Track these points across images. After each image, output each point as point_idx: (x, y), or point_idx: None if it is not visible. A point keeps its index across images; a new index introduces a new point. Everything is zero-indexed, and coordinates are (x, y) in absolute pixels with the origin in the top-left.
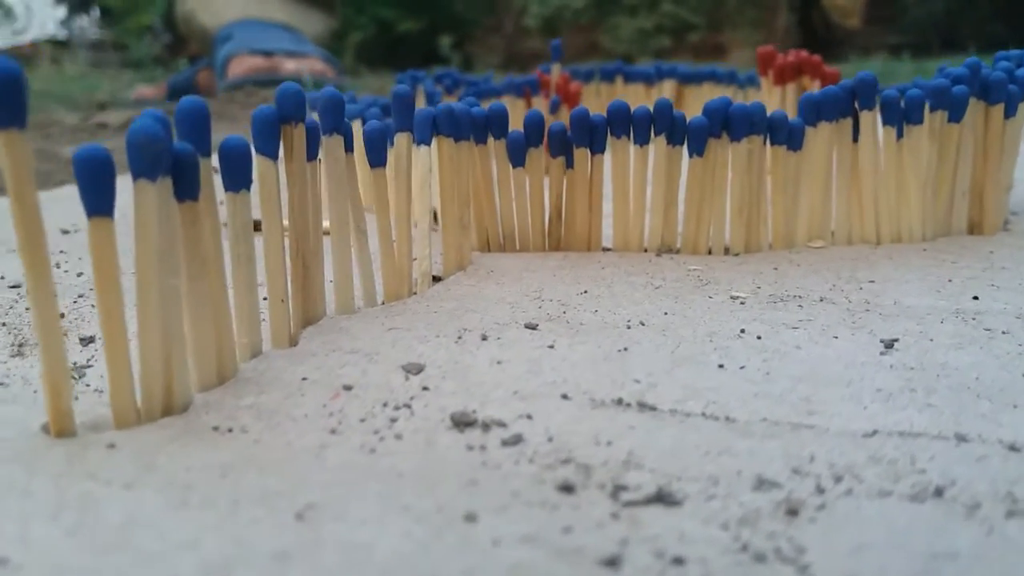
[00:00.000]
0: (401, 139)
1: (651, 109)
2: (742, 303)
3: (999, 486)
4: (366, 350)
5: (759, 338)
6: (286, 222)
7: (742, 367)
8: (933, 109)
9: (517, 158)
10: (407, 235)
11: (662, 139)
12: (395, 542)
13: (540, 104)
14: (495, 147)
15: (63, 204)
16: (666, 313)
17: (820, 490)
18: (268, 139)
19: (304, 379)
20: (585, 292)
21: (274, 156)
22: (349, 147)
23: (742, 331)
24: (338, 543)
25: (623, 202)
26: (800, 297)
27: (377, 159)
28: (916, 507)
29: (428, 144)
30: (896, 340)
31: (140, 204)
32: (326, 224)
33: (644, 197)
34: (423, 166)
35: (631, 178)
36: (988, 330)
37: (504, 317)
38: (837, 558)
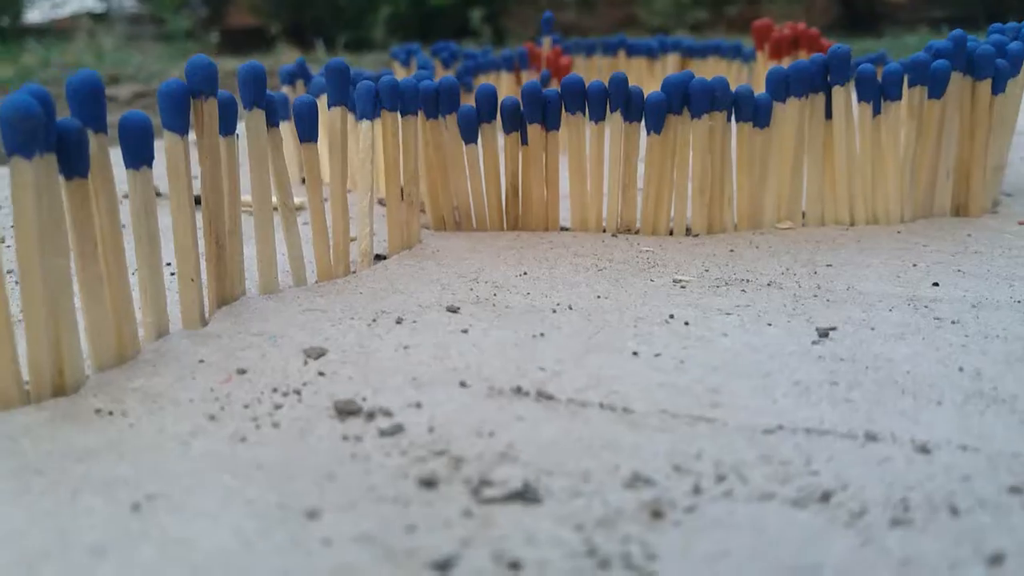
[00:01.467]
0: (336, 113)
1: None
2: (683, 287)
3: (894, 492)
4: (273, 332)
5: (686, 324)
6: (246, 197)
7: (657, 355)
8: (912, 84)
9: (469, 134)
10: (342, 213)
11: (618, 115)
12: (222, 539)
13: (529, 79)
14: (449, 123)
15: None
16: (599, 296)
17: (696, 491)
18: (175, 114)
19: (201, 361)
20: (525, 274)
21: (182, 131)
22: (275, 121)
23: (671, 317)
24: (161, 538)
25: (580, 181)
26: (747, 281)
27: (307, 133)
28: (795, 513)
29: (370, 119)
30: (834, 329)
31: (16, 182)
32: (276, 201)
33: (602, 176)
34: (364, 141)
35: (588, 156)
36: (938, 319)
37: (429, 299)
38: (690, 567)
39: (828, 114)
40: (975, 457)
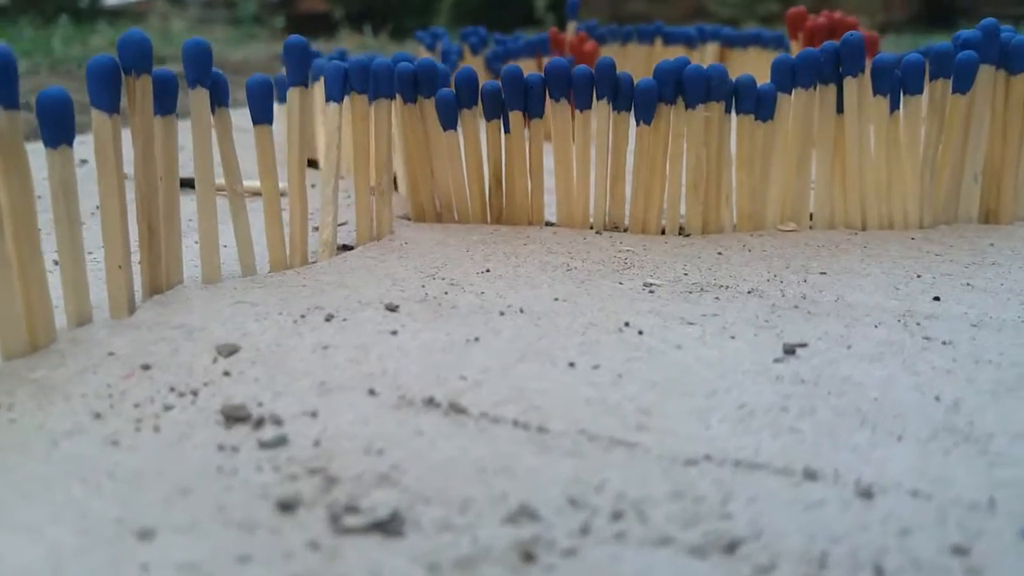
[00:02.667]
0: (293, 94)
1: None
2: (652, 291)
3: (815, 544)
4: (193, 325)
5: (640, 333)
6: (220, 181)
7: (596, 367)
8: (934, 77)
9: (447, 119)
10: (300, 200)
11: (605, 103)
12: (32, 557)
13: None
14: (428, 108)
15: None
16: (557, 299)
17: (584, 530)
18: (103, 91)
19: (111, 354)
20: (487, 271)
21: (109, 109)
22: (225, 101)
23: (626, 324)
24: None
25: (565, 173)
26: (725, 288)
27: (259, 115)
28: (690, 563)
29: (338, 101)
30: (804, 346)
31: None
32: (253, 184)
33: (588, 168)
34: (330, 125)
35: (573, 146)
36: (927, 339)
37: (373, 296)
38: None
39: (840, 108)
40: (923, 506)
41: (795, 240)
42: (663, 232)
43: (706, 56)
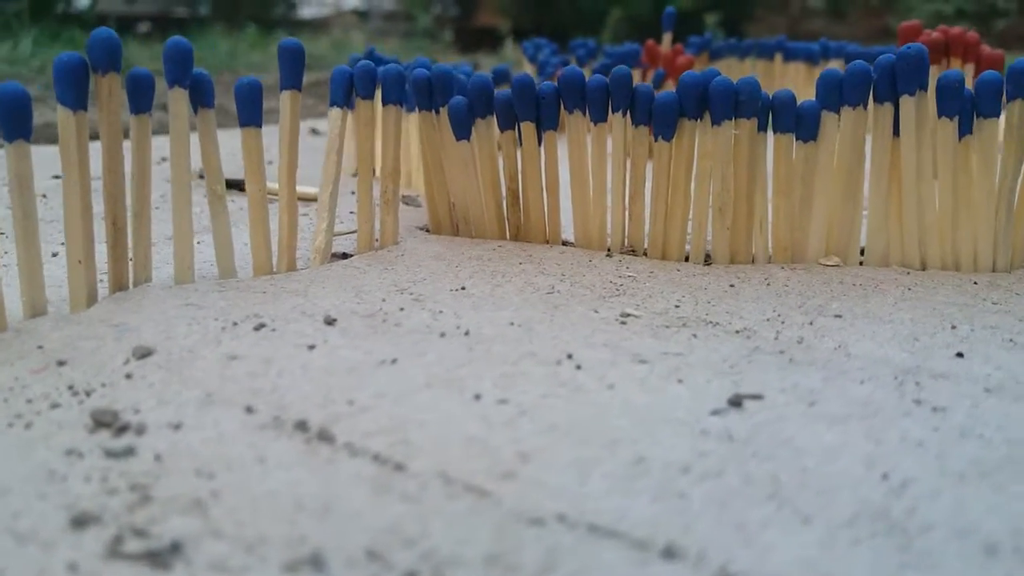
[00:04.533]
0: (286, 97)
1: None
2: (623, 323)
3: None
4: (129, 325)
5: (578, 368)
6: (272, 184)
7: (503, 401)
8: (1012, 97)
9: (460, 129)
10: (289, 206)
11: (620, 116)
12: None
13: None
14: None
15: None
16: (513, 323)
17: None
18: (68, 88)
19: (40, 347)
20: (463, 289)
21: (75, 106)
22: (209, 102)
23: (568, 357)
24: None
25: (582, 190)
26: (714, 325)
27: (247, 117)
28: None
29: (341, 106)
30: (758, 398)
31: None
32: (272, 186)
33: (605, 185)
34: (332, 131)
35: (589, 161)
36: (918, 402)
37: (322, 307)
38: None
39: (897, 130)
40: None
41: (830, 276)
42: (687, 259)
43: None
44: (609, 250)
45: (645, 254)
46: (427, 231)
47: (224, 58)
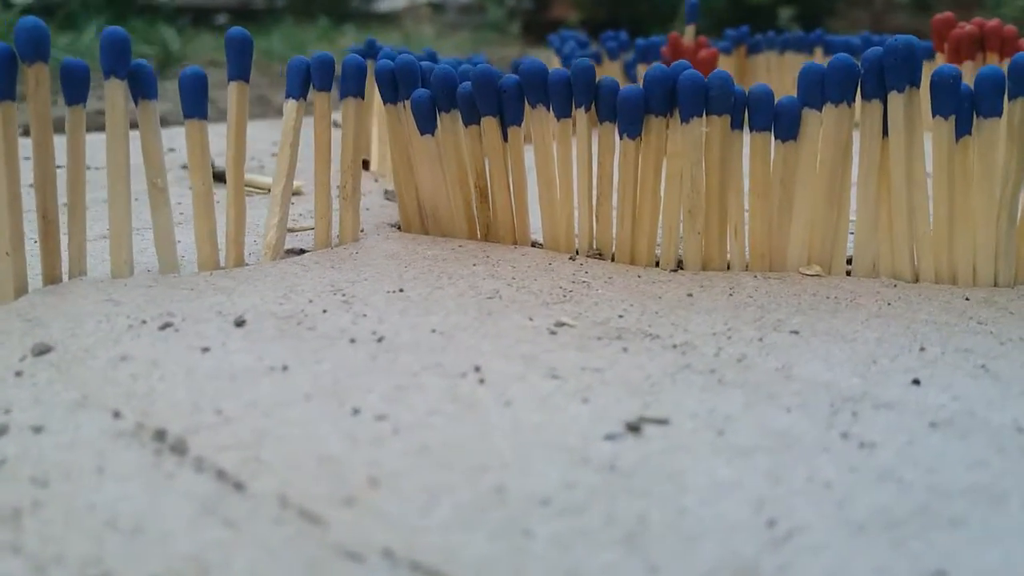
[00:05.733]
0: (233, 88)
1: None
2: (554, 333)
3: None
4: (41, 319)
5: (481, 382)
6: (268, 180)
7: (381, 417)
8: (1014, 96)
9: (424, 122)
10: (236, 200)
11: (584, 113)
12: None
13: None
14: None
15: None
16: (435, 330)
17: None
18: None
19: None
20: (400, 291)
21: (1, 97)
22: (150, 94)
23: (475, 369)
24: None
25: (548, 189)
26: (653, 338)
27: (190, 109)
28: None
29: (296, 98)
30: (663, 423)
31: None
32: (267, 181)
33: (571, 185)
34: (286, 123)
35: (555, 158)
36: (844, 436)
37: (243, 306)
38: None
39: (885, 130)
40: None
41: (805, 287)
42: (657, 264)
43: None
44: (577, 252)
45: (613, 258)
46: (399, 228)
47: (289, 50)
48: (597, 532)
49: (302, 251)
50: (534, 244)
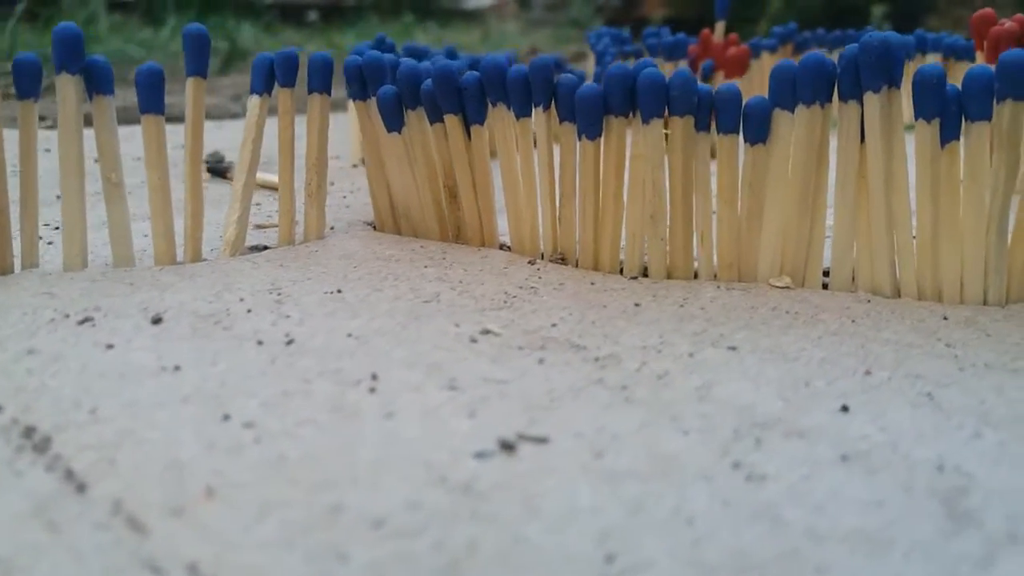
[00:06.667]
0: (190, 84)
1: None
2: (474, 341)
3: None
4: None
5: (372, 391)
6: (272, 177)
7: (248, 424)
8: (1002, 97)
9: (390, 120)
10: (193, 196)
11: (542, 112)
12: None
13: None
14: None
15: None
16: (351, 335)
17: None
18: None
19: None
20: (338, 292)
21: None
22: (104, 89)
23: (373, 377)
24: None
25: (511, 189)
26: (579, 349)
27: (146, 104)
28: None
29: (260, 94)
30: (541, 441)
31: None
32: (271, 178)
33: (533, 186)
34: (249, 119)
35: (518, 159)
36: (736, 465)
37: (168, 304)
38: None
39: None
40: None
41: (767, 300)
42: (621, 271)
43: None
44: (543, 255)
45: (577, 264)
46: (371, 225)
47: (338, 43)
48: (420, 558)
49: (265, 248)
50: (503, 246)
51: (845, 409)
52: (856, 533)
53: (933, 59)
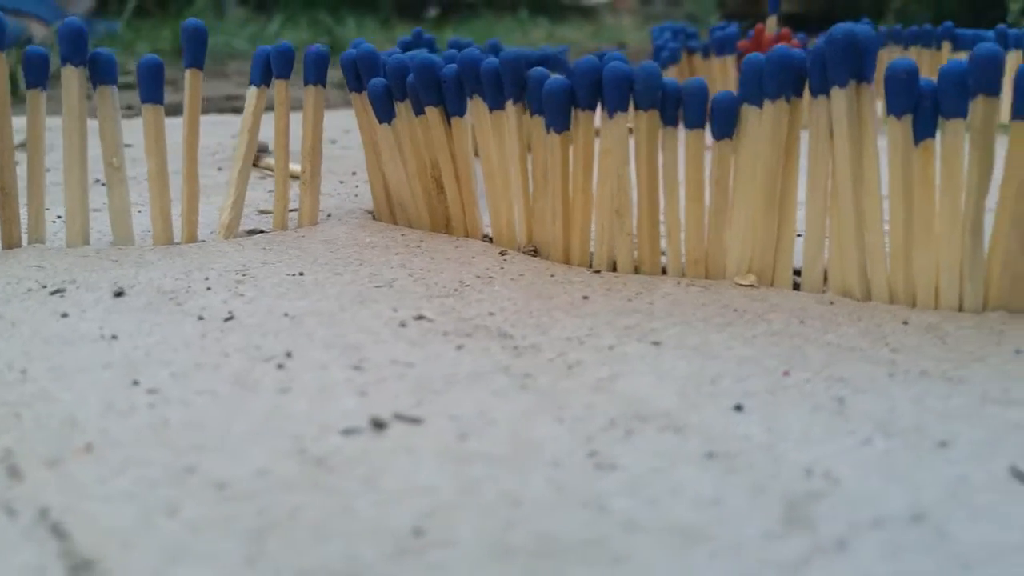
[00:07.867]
0: (188, 75)
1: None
2: (403, 325)
3: None
4: None
5: (280, 367)
6: (295, 167)
7: (152, 391)
8: (975, 92)
9: (381, 111)
10: (189, 178)
11: (512, 104)
12: None
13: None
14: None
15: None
16: (287, 314)
17: None
18: None
19: None
20: (300, 275)
21: None
22: (108, 79)
23: (288, 355)
24: None
25: (490, 180)
26: (506, 337)
27: (146, 94)
28: None
29: (258, 85)
30: (415, 422)
31: None
32: (295, 168)
33: (508, 177)
34: (247, 109)
35: (493, 151)
36: (592, 453)
37: (140, 280)
38: None
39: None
40: None
41: (720, 297)
42: (591, 265)
43: (1009, 63)
44: (519, 247)
45: (548, 257)
46: (370, 214)
47: (477, 42)
48: (239, 519)
49: (260, 232)
50: (487, 238)
51: (739, 408)
52: (674, 528)
53: (1014, 57)
